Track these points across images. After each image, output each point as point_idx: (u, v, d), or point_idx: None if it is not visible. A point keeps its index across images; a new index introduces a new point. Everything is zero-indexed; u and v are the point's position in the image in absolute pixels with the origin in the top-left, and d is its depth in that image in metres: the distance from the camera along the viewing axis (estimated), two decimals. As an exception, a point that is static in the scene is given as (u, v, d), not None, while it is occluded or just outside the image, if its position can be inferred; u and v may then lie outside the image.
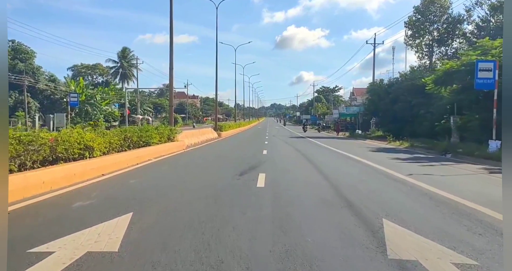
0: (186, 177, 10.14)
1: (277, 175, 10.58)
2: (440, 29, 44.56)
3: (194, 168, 12.30)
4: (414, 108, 34.95)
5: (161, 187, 8.43)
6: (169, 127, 18.70)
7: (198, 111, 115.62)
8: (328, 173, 10.93)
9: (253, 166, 12.51)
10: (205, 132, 29.88)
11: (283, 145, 25.85)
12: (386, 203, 6.75)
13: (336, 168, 12.69)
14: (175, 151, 17.48)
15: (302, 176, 10.49)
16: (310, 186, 8.78)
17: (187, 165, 13.22)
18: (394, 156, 17.21)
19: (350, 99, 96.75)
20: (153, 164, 12.89)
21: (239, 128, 54.02)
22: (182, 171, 11.53)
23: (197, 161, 14.75)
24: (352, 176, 10.43)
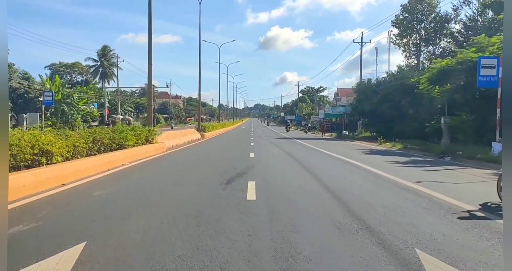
0: (162, 187, 8.65)
1: (269, 184, 9.18)
2: (428, 28, 43.83)
3: (172, 175, 10.79)
4: (403, 108, 34.04)
5: (131, 202, 6.92)
6: (147, 128, 17.12)
7: (181, 112, 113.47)
8: (327, 181, 9.56)
9: (240, 172, 11.08)
10: (187, 133, 28.32)
11: (271, 146, 24.47)
12: (411, 225, 5.40)
13: (334, 174, 11.35)
14: (153, 154, 15.93)
15: (298, 184, 9.11)
16: (311, 198, 7.40)
17: (165, 171, 11.69)
18: (391, 159, 16.00)
19: (335, 99, 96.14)
20: (126, 170, 11.34)
21: (223, 129, 52.49)
22: (158, 178, 10.01)
23: (177, 165, 13.23)
24: (357, 185, 9.08)
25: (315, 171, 11.59)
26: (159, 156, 16.03)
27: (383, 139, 27.80)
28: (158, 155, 16.31)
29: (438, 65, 21.68)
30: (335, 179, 10.21)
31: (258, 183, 9.09)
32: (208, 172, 11.34)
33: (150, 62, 18.84)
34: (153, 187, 8.57)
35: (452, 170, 12.73)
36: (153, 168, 12.23)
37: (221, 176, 10.16)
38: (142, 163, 13.18)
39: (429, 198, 7.38)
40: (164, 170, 11.99)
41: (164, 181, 9.44)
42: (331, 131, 51.85)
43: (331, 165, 13.91)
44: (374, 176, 10.71)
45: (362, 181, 9.67)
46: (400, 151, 22.01)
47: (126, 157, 12.75)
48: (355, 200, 7.13)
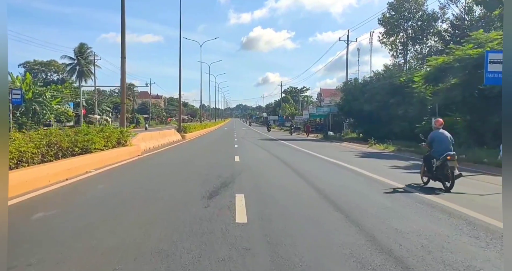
0: (128, 203, 6.91)
1: (261, 197, 7.53)
2: (415, 26, 42.91)
3: (143, 186, 9.02)
4: (392, 108, 32.81)
5: (78, 230, 5.16)
6: (120, 129, 15.26)
7: (162, 112, 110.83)
8: (331, 194, 7.96)
9: (225, 180, 9.41)
10: (166, 134, 26.43)
11: (256, 148, 22.83)
12: (465, 264, 3.84)
13: (336, 182, 9.75)
14: (126, 158, 14.11)
15: (297, 198, 7.49)
16: (317, 219, 5.78)
17: (136, 181, 9.91)
18: (390, 164, 14.56)
19: (318, 100, 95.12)
20: (89, 179, 9.52)
21: (205, 130, 50.61)
22: (125, 191, 8.22)
23: (151, 173, 11.42)
24: (369, 199, 7.47)
25: (313, 180, 9.99)
26: (132, 160, 14.21)
27: (373, 140, 26.47)
28: (132, 159, 14.49)
29: (435, 63, 20.39)
30: (340, 190, 8.61)
31: (248, 196, 7.45)
32: (187, 181, 9.61)
33: (124, 56, 16.96)
34: (117, 202, 6.82)
35: (464, 177, 11.28)
36: (122, 176, 10.43)
37: (203, 187, 8.48)
38: (110, 170, 11.35)
39: (465, 218, 5.87)
40: (134, 178, 10.20)
41: (132, 195, 7.68)
42: (315, 132, 50.57)
43: (329, 171, 12.33)
44: (382, 185, 9.16)
45: (374, 193, 8.08)
46: (394, 153, 20.67)
47: (91, 163, 10.92)
48: (378, 224, 5.53)
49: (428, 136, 9.40)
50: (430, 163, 8.91)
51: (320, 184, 9.17)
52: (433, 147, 9.08)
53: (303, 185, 9.14)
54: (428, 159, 9.08)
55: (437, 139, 9.01)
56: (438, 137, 9.03)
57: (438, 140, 8.97)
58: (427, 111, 27.56)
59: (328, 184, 9.26)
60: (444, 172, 8.54)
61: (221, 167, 12.50)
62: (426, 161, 9.19)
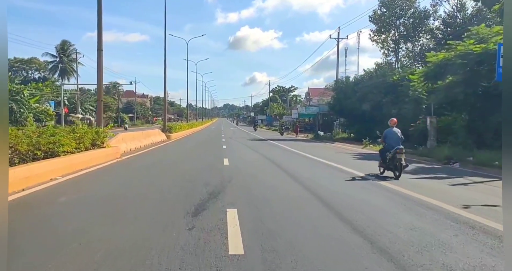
0: (88, 225, 5.47)
1: (258, 213, 6.14)
2: (407, 24, 41.95)
3: (116, 197, 7.54)
4: (385, 107, 31.74)
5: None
6: (95, 129, 13.70)
7: (147, 111, 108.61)
8: (342, 207, 6.62)
9: (214, 190, 8.01)
10: (150, 134, 24.86)
11: (245, 150, 21.45)
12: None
13: (342, 191, 8.41)
14: (102, 162, 12.60)
15: (303, 215, 6.11)
16: (338, 253, 4.43)
17: (108, 190, 8.41)
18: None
19: (306, 99, 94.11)
20: (50, 189, 7.99)
21: (191, 129, 49.00)
22: (91, 205, 6.74)
23: (128, 179, 9.93)
24: (386, 214, 6.16)
25: (317, 189, 8.63)
26: (109, 164, 12.70)
27: (368, 141, 25.28)
28: (109, 162, 12.98)
29: (435, 59, 19.24)
30: (349, 202, 7.27)
31: (242, 211, 6.09)
32: (170, 191, 8.15)
33: (100, 48, 15.38)
34: (76, 223, 5.37)
35: (482, 183, 10.10)
36: (92, 185, 8.91)
37: (188, 198, 7.07)
38: (81, 176, 9.85)
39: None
40: (106, 188, 8.68)
41: (98, 212, 6.24)
42: (304, 131, 49.41)
43: (331, 177, 11.00)
44: (394, 194, 7.86)
45: (389, 207, 6.76)
46: (393, 154, 19.42)
47: (58, 168, 9.41)
48: (413, 255, 4.20)
49: (383, 133, 11.08)
50: (385, 156, 10.59)
51: (323, 191, 7.82)
52: (386, 142, 10.81)
53: (307, 196, 7.75)
54: (383, 153, 10.73)
55: (389, 135, 10.79)
56: (390, 134, 10.80)
57: (390, 136, 10.73)
58: (421, 111, 26.53)
59: (333, 193, 7.91)
60: (394, 163, 10.21)
61: (208, 171, 11.09)
62: (381, 154, 10.87)
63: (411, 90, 27.43)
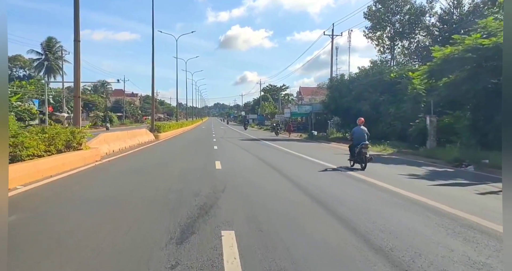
0: (41, 257, 4.06)
1: (264, 238, 4.74)
2: (403, 20, 40.86)
3: (84, 215, 6.09)
4: (382, 106, 30.60)
5: None
6: (70, 128, 12.18)
7: (137, 110, 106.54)
8: (365, 227, 5.27)
9: (206, 202, 6.63)
10: (136, 134, 23.33)
11: (239, 151, 20.05)
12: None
13: (362, 205, 7.06)
14: (79, 166, 11.13)
15: (319, 241, 4.75)
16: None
17: (76, 204, 6.92)
18: (404, 171, 12.03)
19: (297, 98, 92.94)
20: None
21: (181, 129, 47.43)
22: (48, 230, 5.30)
23: (103, 189, 8.36)
24: (422, 236, 4.83)
25: (326, 198, 7.28)
26: (87, 168, 11.22)
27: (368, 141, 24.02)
28: (87, 166, 11.51)
29: (441, 54, 17.99)
30: (378, 222, 5.92)
31: (241, 235, 4.73)
32: (151, 204, 6.71)
33: (77, 39, 13.83)
34: (23, 257, 3.95)
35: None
36: (58, 197, 7.38)
37: (172, 217, 5.67)
38: (47, 184, 8.35)
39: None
40: (75, 201, 7.13)
41: (58, 231, 4.81)
42: (297, 131, 48.16)
43: (341, 184, 9.64)
44: (422, 208, 6.54)
45: (423, 226, 5.40)
46: (396, 156, 18.18)
47: (19, 176, 7.93)
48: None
49: (352, 131, 13.10)
50: (354, 150, 12.15)
51: (337, 205, 6.47)
52: (354, 139, 12.36)
53: (319, 212, 6.40)
54: (352, 148, 12.29)
55: (356, 133, 12.41)
56: (357, 131, 12.42)
57: (357, 134, 12.32)
58: (420, 110, 25.41)
59: (351, 206, 6.56)
60: (360, 156, 11.73)
61: (198, 178, 9.68)
62: (350, 149, 12.53)
63: (409, 88, 26.33)
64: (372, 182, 9.36)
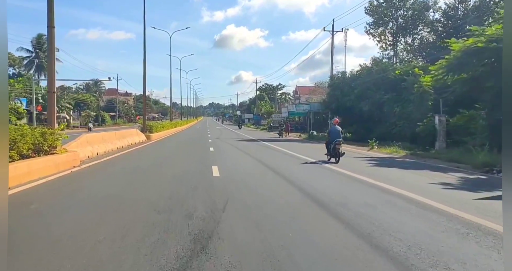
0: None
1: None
2: (406, 15, 39.25)
3: (32, 255, 4.36)
4: (386, 105, 28.98)
5: None
6: (40, 129, 10.33)
7: (130, 110, 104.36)
8: None
9: (201, 229, 4.88)
10: (126, 134, 21.51)
11: (237, 153, 18.28)
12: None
13: (453, 246, 5.32)
14: (50, 173, 9.34)
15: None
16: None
17: (26, 236, 5.19)
18: (433, 179, 10.30)
19: (294, 97, 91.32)
20: None
21: (175, 129, 45.57)
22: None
23: (68, 210, 6.46)
24: None
25: (360, 222, 5.55)
26: (58, 177, 9.39)
27: (375, 142, 22.39)
28: (60, 174, 9.70)
29: (461, 45, 16.30)
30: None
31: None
32: (127, 234, 4.93)
33: (52, 25, 11.96)
34: None
35: None
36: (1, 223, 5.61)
37: (154, 257, 3.90)
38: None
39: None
40: (25, 230, 5.38)
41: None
42: (295, 131, 46.50)
43: (374, 199, 7.89)
44: (498, 238, 4.83)
45: None
46: (412, 159, 16.44)
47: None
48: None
49: (328, 130, 15.82)
50: (329, 147, 14.18)
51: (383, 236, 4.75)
52: (330, 137, 14.38)
53: (368, 248, 4.66)
54: (328, 144, 14.34)
55: (332, 132, 14.52)
56: (333, 130, 14.55)
57: (333, 132, 14.38)
58: (428, 109, 23.84)
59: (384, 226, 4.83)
60: (335, 152, 13.81)
61: (193, 190, 7.90)
62: (327, 145, 14.57)
63: (416, 86, 24.76)
64: (422, 201, 7.64)
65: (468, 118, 19.48)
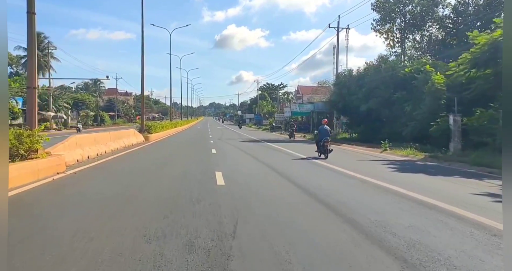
0: None
1: None
2: (414, 11, 37.78)
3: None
4: (396, 104, 27.49)
5: None
6: (16, 130, 8.91)
7: (130, 110, 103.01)
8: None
9: (207, 264, 3.49)
10: (122, 135, 20.09)
11: (243, 156, 16.84)
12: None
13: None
14: (26, 182, 7.94)
15: None
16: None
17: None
18: (474, 188, 8.89)
19: (296, 97, 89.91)
20: None
21: (175, 129, 44.15)
22: None
23: (30, 238, 5.21)
24: None
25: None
26: (35, 186, 7.99)
27: (387, 143, 20.95)
28: (39, 182, 8.30)
29: (488, 38, 14.86)
30: None
31: None
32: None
33: (32, 11, 10.53)
34: None
35: None
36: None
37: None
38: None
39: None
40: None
41: None
42: (298, 131, 45.14)
43: (421, 220, 6.47)
44: None
45: None
46: (435, 163, 14.98)
47: None
48: None
49: (318, 129, 17.14)
50: (319, 144, 15.91)
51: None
52: (319, 135, 16.16)
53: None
54: (318, 142, 16.17)
55: (321, 131, 16.15)
56: (321, 130, 16.15)
57: (321, 131, 16.03)
58: (440, 107, 22.39)
59: None
60: (324, 148, 15.49)
61: (193, 204, 6.48)
62: (316, 143, 16.38)
63: (429, 84, 23.37)
64: (478, 220, 6.23)
65: (488, 118, 18.07)
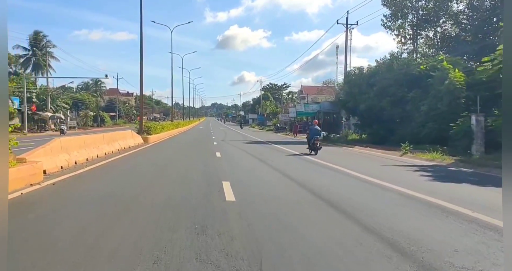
0: None
1: None
2: (428, 6, 35.98)
3: None
4: (410, 104, 25.71)
5: None
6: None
7: (131, 110, 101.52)
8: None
9: None
10: (117, 137, 18.36)
11: (250, 160, 15.09)
12: None
13: None
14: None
15: None
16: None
17: None
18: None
19: (299, 97, 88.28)
20: None
21: (176, 130, 42.43)
22: None
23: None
24: None
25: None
26: None
27: (409, 146, 19.19)
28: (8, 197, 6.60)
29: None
30: None
31: None
32: None
33: None
34: None
35: None
36: None
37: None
38: None
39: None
40: None
41: None
42: (303, 132, 43.47)
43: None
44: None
45: None
46: (468, 169, 13.20)
47: None
48: None
49: (309, 128, 19.48)
50: (310, 142, 17.90)
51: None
52: (310, 134, 18.22)
53: None
54: (309, 140, 18.08)
55: (312, 130, 18.44)
56: (312, 129, 18.46)
57: (312, 131, 18.26)
58: (460, 107, 20.70)
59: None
60: (314, 146, 17.55)
61: (196, 236, 4.74)
62: (308, 141, 18.39)
63: (447, 82, 21.73)
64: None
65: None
